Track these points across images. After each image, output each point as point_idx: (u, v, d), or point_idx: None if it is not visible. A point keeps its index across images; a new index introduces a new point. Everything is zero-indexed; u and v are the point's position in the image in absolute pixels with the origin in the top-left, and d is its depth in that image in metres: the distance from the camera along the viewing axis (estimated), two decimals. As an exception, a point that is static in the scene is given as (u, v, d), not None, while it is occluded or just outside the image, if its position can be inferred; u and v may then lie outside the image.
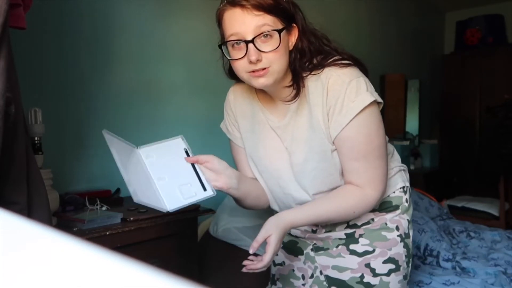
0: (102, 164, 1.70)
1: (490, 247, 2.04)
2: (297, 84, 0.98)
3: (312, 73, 0.98)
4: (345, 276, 1.09)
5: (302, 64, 0.98)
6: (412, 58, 4.16)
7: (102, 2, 1.69)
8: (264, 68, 0.92)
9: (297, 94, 0.99)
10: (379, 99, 0.97)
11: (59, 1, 1.56)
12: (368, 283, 1.07)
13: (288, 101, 1.00)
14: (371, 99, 0.93)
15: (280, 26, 0.91)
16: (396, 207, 1.11)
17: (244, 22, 0.90)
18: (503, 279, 1.65)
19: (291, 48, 0.97)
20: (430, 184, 3.73)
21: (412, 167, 3.84)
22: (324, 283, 1.13)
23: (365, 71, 1.01)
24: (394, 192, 1.12)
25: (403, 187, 1.14)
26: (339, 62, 0.98)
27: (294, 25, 0.96)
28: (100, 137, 1.68)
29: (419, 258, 1.93)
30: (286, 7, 0.93)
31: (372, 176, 0.99)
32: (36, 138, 1.24)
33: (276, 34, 0.90)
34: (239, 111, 1.14)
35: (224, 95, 1.20)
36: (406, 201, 1.13)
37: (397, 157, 1.19)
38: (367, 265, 1.07)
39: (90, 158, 1.66)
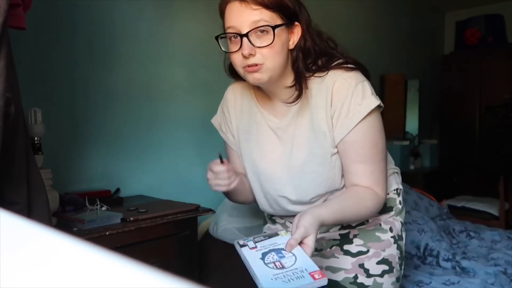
0: (102, 164, 1.70)
1: (490, 247, 2.04)
2: (300, 84, 0.97)
3: (316, 74, 0.97)
4: (338, 277, 1.08)
5: (305, 64, 0.97)
6: (412, 58, 4.15)
7: (102, 2, 1.68)
8: (258, 64, 0.91)
9: (299, 96, 0.97)
10: (381, 103, 0.98)
11: (59, 1, 1.56)
12: (361, 284, 1.06)
13: (290, 102, 0.98)
14: (377, 103, 0.94)
15: (278, 23, 0.90)
16: (390, 209, 1.12)
17: (241, 16, 0.90)
18: (503, 279, 1.65)
19: (292, 47, 0.96)
20: (430, 184, 3.72)
21: (412, 167, 3.84)
22: None
23: (367, 75, 1.01)
24: (388, 194, 1.12)
25: (397, 189, 1.15)
26: (344, 66, 0.97)
27: (297, 23, 0.95)
28: (100, 137, 1.68)
29: (419, 258, 1.93)
30: (287, 5, 0.92)
31: (378, 178, 0.99)
32: (36, 138, 1.24)
33: (272, 30, 0.89)
34: (238, 111, 1.13)
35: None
36: (400, 203, 1.14)
37: (390, 159, 1.19)
38: (361, 266, 1.07)
39: (90, 158, 1.66)
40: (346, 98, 0.94)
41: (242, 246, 0.94)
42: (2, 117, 0.73)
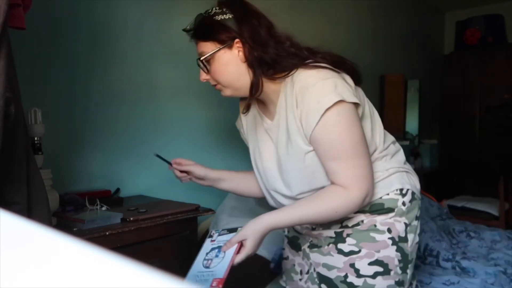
0: (102, 164, 1.70)
1: (490, 247, 2.04)
2: (250, 95, 1.07)
3: (289, 75, 1.02)
4: (332, 275, 1.10)
5: (259, 73, 1.03)
6: (412, 58, 4.15)
7: (101, 3, 1.68)
8: (216, 85, 1.09)
9: (247, 106, 1.15)
10: (351, 99, 0.95)
11: (59, 1, 1.56)
12: (351, 283, 1.05)
13: (243, 113, 1.18)
14: (336, 99, 0.93)
15: (216, 49, 1.03)
16: (390, 210, 1.06)
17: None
18: (503, 279, 1.65)
19: (244, 60, 1.03)
20: (430, 184, 3.73)
21: (412, 167, 3.83)
22: (316, 280, 1.14)
23: (353, 72, 1.04)
24: (388, 194, 1.07)
25: (401, 190, 1.09)
26: (310, 64, 1.00)
27: (237, 40, 1.02)
28: (100, 137, 1.68)
29: (419, 258, 1.93)
30: (219, 31, 1.02)
31: (352, 175, 0.97)
32: (36, 138, 1.24)
33: (212, 58, 1.04)
34: (247, 115, 1.24)
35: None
36: (404, 204, 1.08)
37: (398, 158, 1.16)
38: (352, 265, 1.06)
39: (90, 158, 1.66)
40: (305, 98, 0.97)
41: (210, 236, 1.06)
42: (2, 117, 0.73)
